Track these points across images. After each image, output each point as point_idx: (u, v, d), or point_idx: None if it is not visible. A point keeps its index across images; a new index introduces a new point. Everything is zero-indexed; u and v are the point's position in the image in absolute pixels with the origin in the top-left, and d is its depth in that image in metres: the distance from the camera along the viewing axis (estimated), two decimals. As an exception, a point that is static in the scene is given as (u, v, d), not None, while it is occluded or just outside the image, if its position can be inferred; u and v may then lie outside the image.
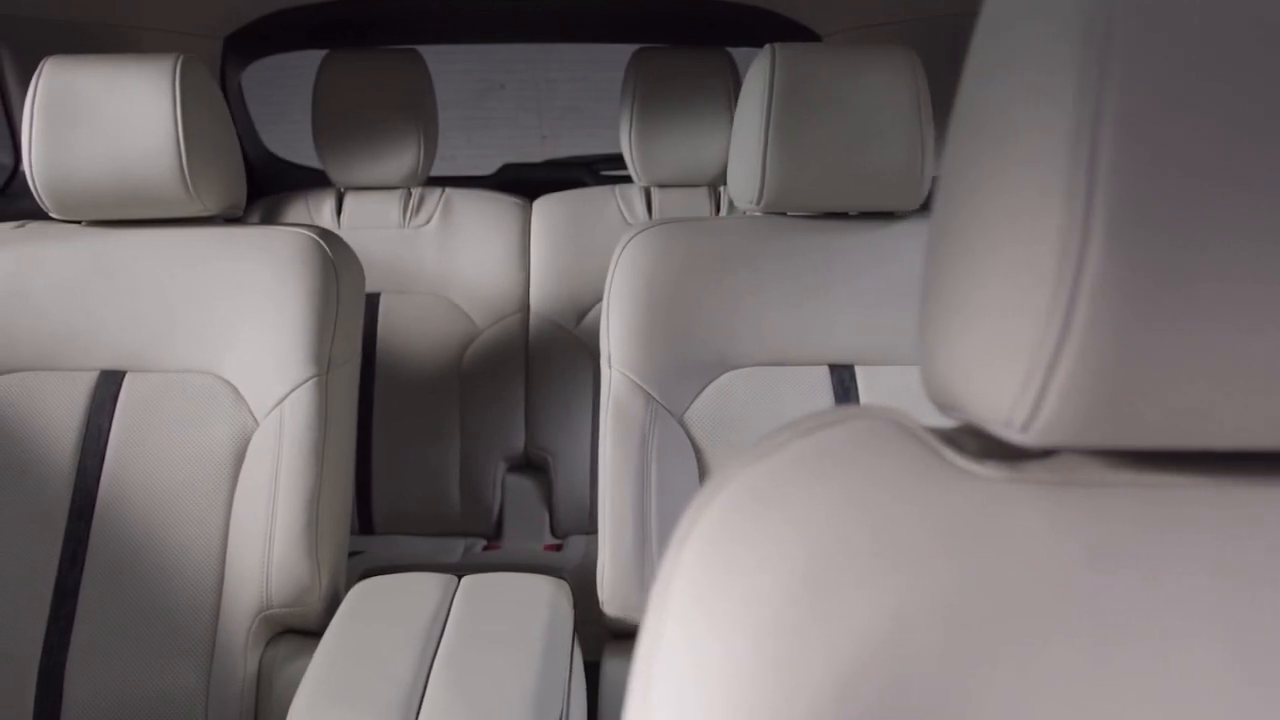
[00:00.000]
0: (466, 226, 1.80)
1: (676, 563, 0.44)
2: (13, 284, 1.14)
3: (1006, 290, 0.38)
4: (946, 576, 0.41)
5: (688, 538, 0.44)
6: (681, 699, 0.41)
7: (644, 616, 1.01)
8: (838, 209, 1.17)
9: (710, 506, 0.44)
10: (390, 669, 0.85)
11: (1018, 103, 0.38)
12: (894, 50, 1.13)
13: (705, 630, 0.41)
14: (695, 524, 0.44)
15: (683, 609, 0.42)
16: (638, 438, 1.07)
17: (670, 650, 0.42)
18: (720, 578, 0.42)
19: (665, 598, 0.43)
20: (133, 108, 1.09)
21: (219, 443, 1.08)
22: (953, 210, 0.42)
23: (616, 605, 1.05)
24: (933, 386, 0.47)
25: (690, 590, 0.42)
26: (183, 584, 1.05)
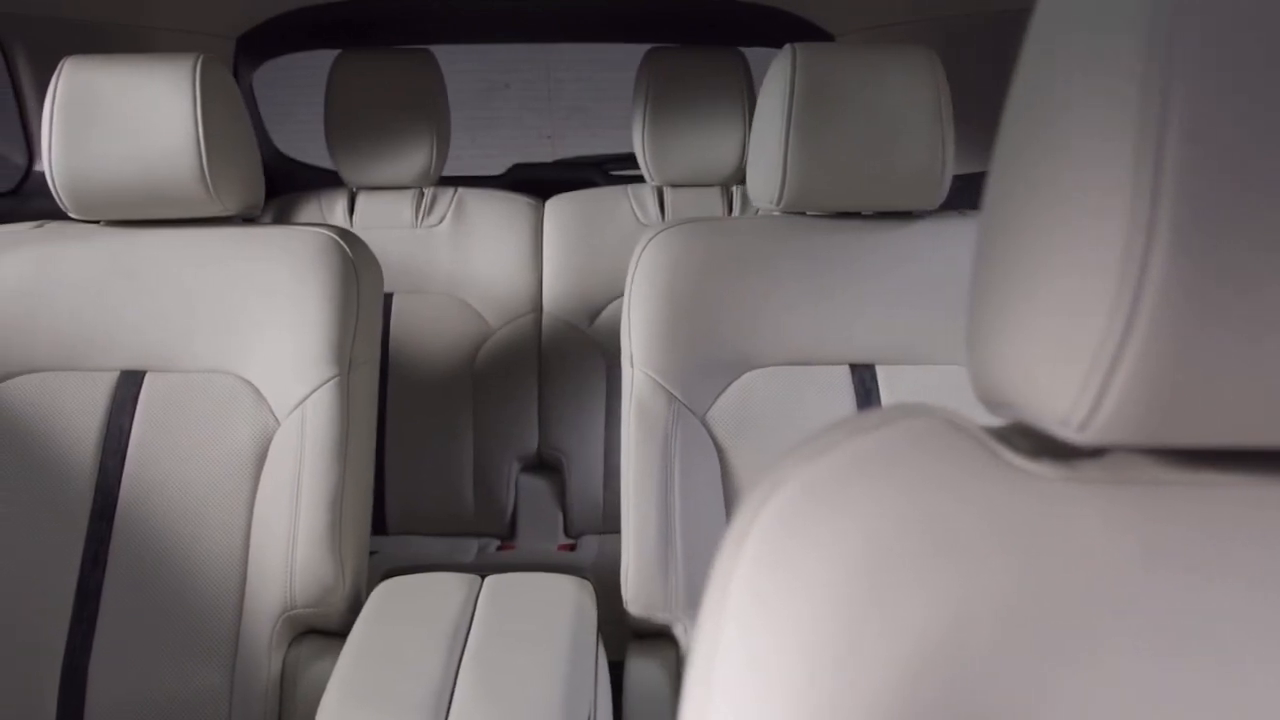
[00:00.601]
0: (479, 226, 1.80)
1: (735, 561, 0.43)
2: (33, 284, 1.14)
3: (1067, 290, 0.38)
4: (1005, 576, 0.41)
5: (746, 536, 0.44)
6: (741, 699, 0.41)
7: (670, 614, 1.00)
8: (858, 209, 1.17)
9: (768, 505, 0.44)
10: (418, 669, 0.85)
11: (1078, 104, 0.37)
12: (914, 50, 1.13)
13: (765, 630, 0.41)
14: (753, 522, 0.44)
15: (741, 608, 0.42)
16: (660, 437, 1.07)
17: (729, 650, 0.42)
18: (779, 577, 0.42)
19: (724, 596, 0.43)
20: (153, 108, 1.09)
21: (240, 443, 1.08)
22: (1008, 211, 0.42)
23: (640, 605, 1.05)
24: (982, 385, 0.47)
25: (749, 589, 0.42)
26: (205, 584, 1.05)
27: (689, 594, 1.03)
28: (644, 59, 1.80)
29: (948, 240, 1.17)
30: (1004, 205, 0.43)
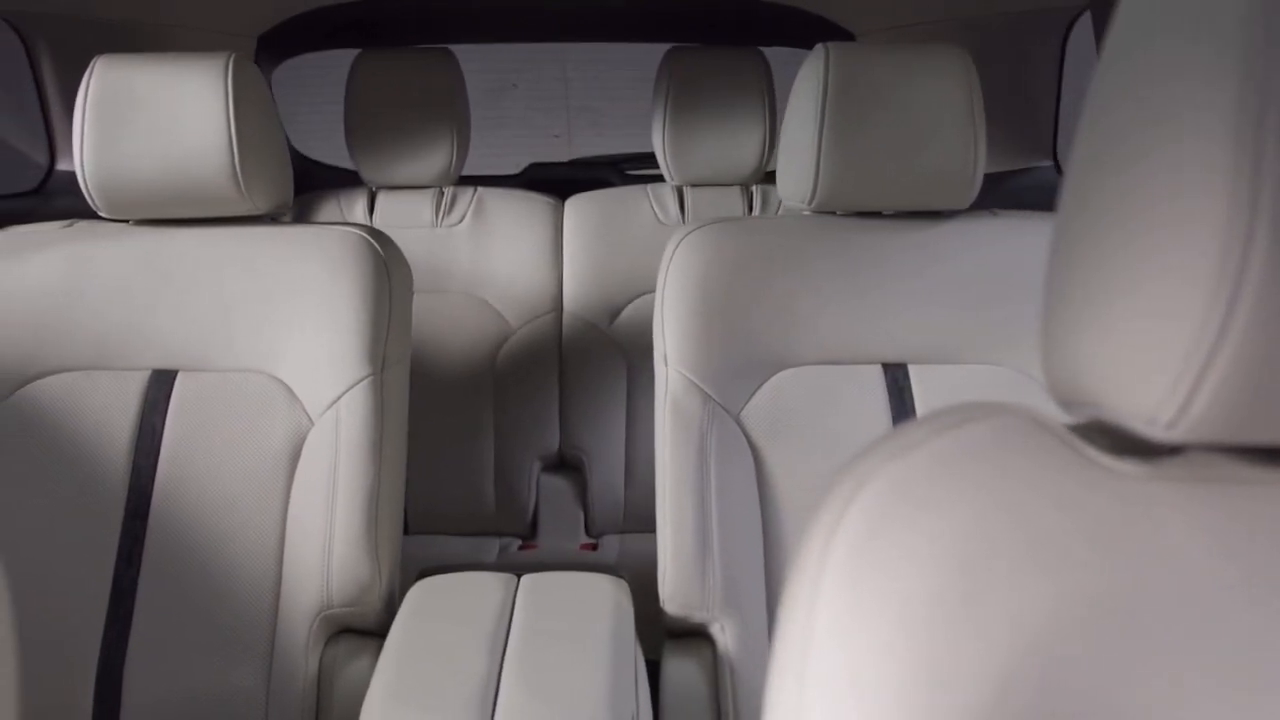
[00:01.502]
0: (499, 226, 1.80)
1: (824, 558, 0.43)
2: (65, 284, 1.14)
3: (1159, 293, 0.38)
4: (1095, 575, 0.41)
5: (834, 534, 0.44)
6: (837, 696, 0.41)
7: (708, 613, 1.00)
8: (890, 208, 1.17)
9: (855, 503, 0.44)
10: (461, 668, 0.85)
11: (1169, 113, 0.38)
12: (947, 49, 1.13)
13: (859, 632, 0.41)
14: (840, 520, 0.44)
15: (833, 606, 0.42)
16: (696, 436, 1.07)
17: (823, 651, 0.42)
18: (870, 577, 0.42)
19: (814, 592, 0.43)
20: (185, 106, 1.09)
21: (274, 442, 1.08)
22: (1091, 215, 0.42)
23: (678, 604, 1.05)
24: (1059, 382, 0.47)
25: (840, 590, 0.42)
26: (240, 583, 1.05)
27: (726, 593, 1.03)
28: (664, 59, 1.80)
29: (979, 239, 1.17)
30: (1087, 210, 0.43)
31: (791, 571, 0.46)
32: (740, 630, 1.03)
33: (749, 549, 1.06)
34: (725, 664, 1.02)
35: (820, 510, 0.46)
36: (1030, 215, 1.21)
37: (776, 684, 0.44)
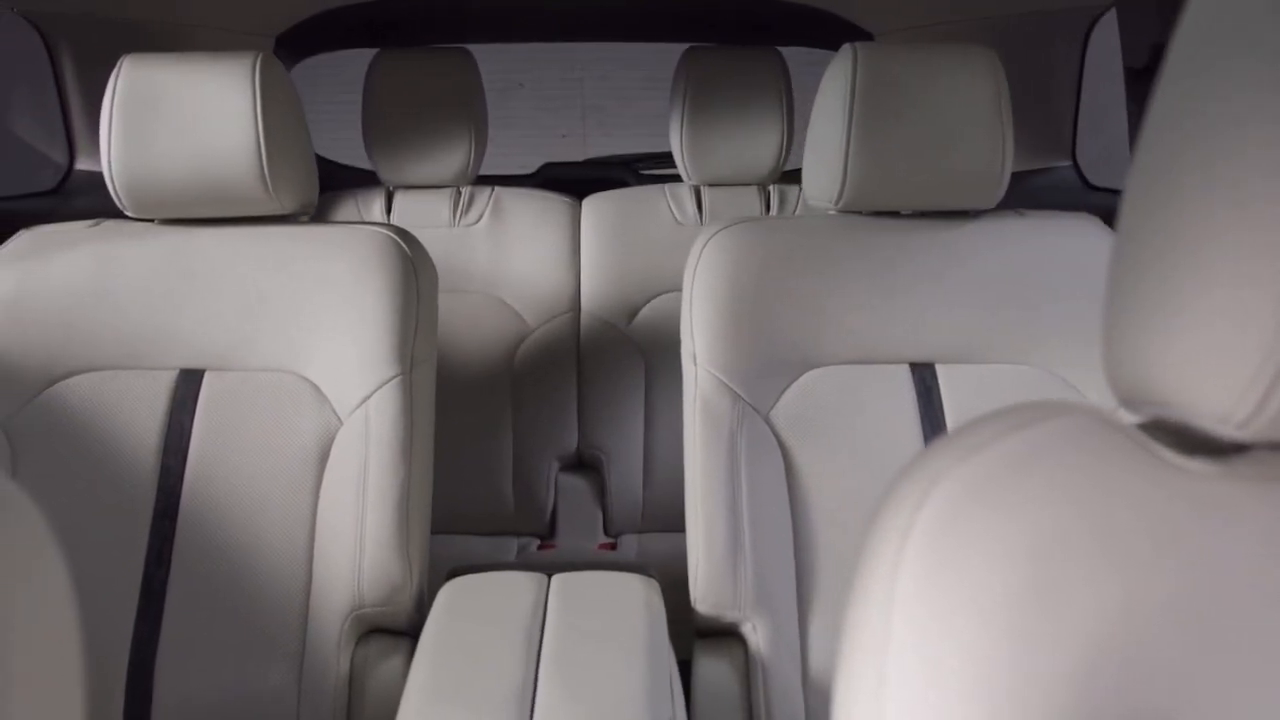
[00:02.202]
0: (517, 225, 1.80)
1: (898, 558, 0.43)
2: (93, 283, 1.14)
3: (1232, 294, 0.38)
4: (1168, 575, 0.41)
5: (908, 534, 0.44)
6: (916, 701, 0.41)
7: (740, 613, 0.99)
8: (918, 208, 1.17)
9: (928, 503, 0.44)
10: (498, 668, 0.85)
11: (1234, 122, 0.38)
12: (974, 49, 1.13)
13: (937, 632, 0.41)
14: (914, 520, 0.44)
15: (911, 610, 0.42)
16: (726, 436, 1.07)
17: (902, 650, 0.42)
18: (947, 579, 0.42)
19: (890, 592, 0.43)
20: (212, 106, 1.09)
21: (303, 441, 1.08)
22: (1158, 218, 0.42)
23: (710, 604, 1.05)
24: (1123, 381, 0.47)
25: (917, 591, 0.42)
26: (271, 583, 1.05)
27: (758, 593, 1.03)
28: (682, 58, 1.80)
29: (1006, 239, 1.17)
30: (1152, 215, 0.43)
31: (861, 570, 0.46)
32: (772, 630, 1.03)
33: (780, 548, 1.06)
34: (757, 664, 1.02)
35: (888, 509, 0.46)
36: (1057, 215, 1.21)
37: (851, 684, 0.44)
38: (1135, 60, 1.28)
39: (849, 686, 0.44)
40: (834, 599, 1.05)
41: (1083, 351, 1.13)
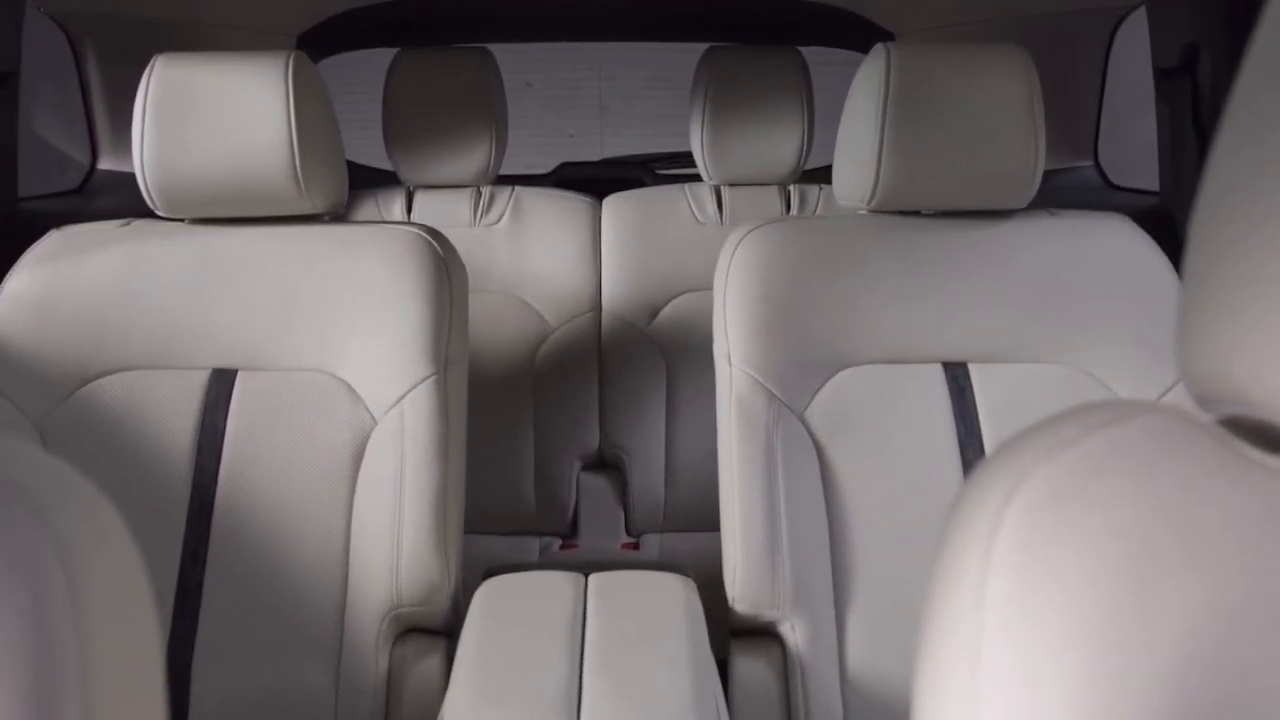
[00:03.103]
0: (537, 225, 1.80)
1: (987, 557, 0.43)
2: (124, 283, 1.14)
3: None
4: (1255, 575, 0.41)
5: (996, 532, 0.44)
6: (1013, 703, 0.41)
7: (778, 612, 0.99)
8: (950, 208, 1.17)
9: (1015, 501, 0.44)
10: (543, 668, 0.85)
11: None
12: (1007, 49, 1.13)
13: (1032, 635, 0.41)
14: (1001, 518, 0.44)
15: (1004, 612, 0.42)
16: (762, 435, 1.07)
17: (995, 652, 0.42)
18: (1039, 579, 0.42)
19: (980, 591, 0.43)
20: (246, 105, 1.09)
21: (337, 441, 1.08)
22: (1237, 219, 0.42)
23: (748, 603, 1.05)
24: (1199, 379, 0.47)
25: (1009, 590, 0.42)
26: (307, 582, 1.05)
27: (796, 592, 1.03)
28: (702, 58, 1.80)
29: (1038, 238, 1.17)
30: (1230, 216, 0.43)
31: (942, 569, 0.46)
32: (810, 629, 1.03)
33: (816, 547, 1.06)
34: (796, 663, 1.03)
35: (970, 507, 0.46)
36: (1089, 214, 1.21)
37: (939, 686, 0.44)
38: (1165, 60, 1.28)
39: (937, 687, 0.44)
40: (871, 598, 1.05)
41: (1116, 351, 1.13)
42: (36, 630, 0.39)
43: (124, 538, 0.47)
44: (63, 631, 0.40)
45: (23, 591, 0.40)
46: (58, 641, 0.40)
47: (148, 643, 0.48)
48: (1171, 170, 1.32)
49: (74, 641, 0.40)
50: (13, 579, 0.40)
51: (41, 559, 0.40)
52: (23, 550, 0.40)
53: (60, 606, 0.40)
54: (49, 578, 0.40)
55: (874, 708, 1.03)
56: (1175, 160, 1.30)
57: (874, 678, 1.03)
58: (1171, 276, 1.15)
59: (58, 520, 0.42)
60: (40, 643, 0.39)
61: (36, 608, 0.40)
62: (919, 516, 1.08)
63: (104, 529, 0.46)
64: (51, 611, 0.40)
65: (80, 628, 0.41)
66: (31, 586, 0.40)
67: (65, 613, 0.40)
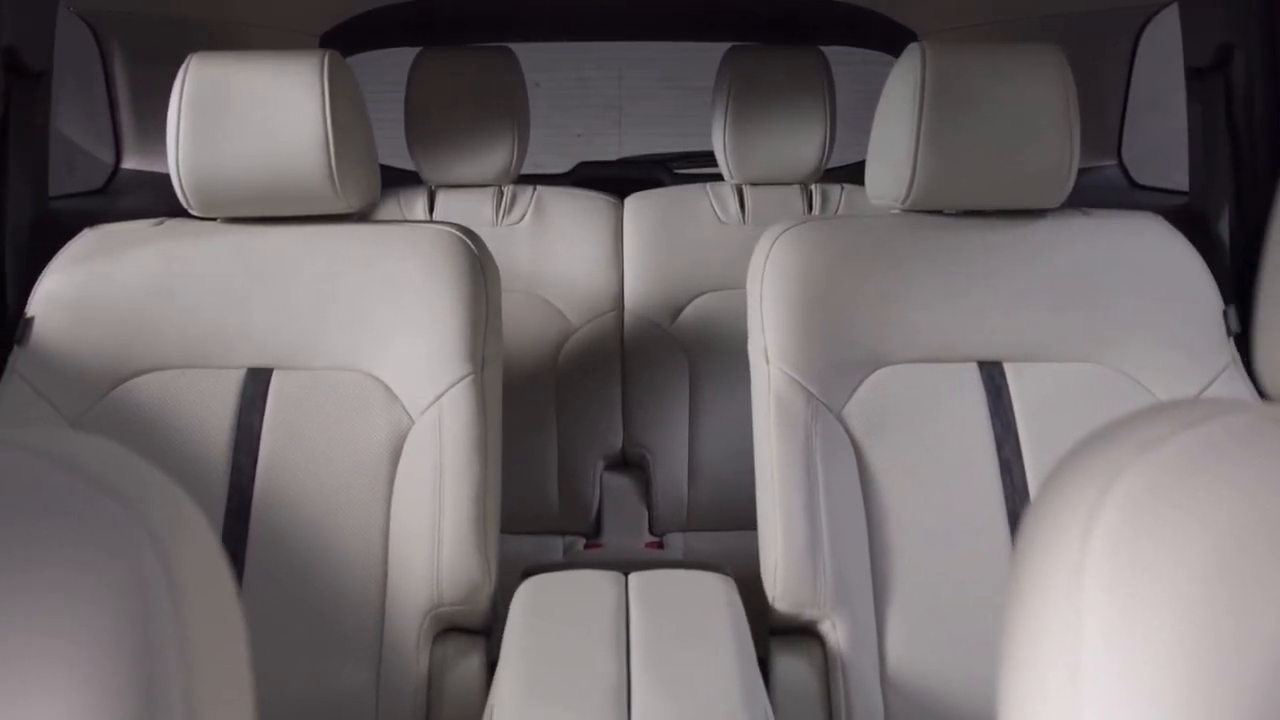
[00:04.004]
0: (559, 224, 1.80)
1: (1084, 559, 0.43)
2: (159, 282, 1.13)
3: None
4: None
5: (1091, 533, 0.44)
6: (1116, 705, 0.41)
7: (819, 611, 0.99)
8: (986, 207, 1.17)
9: (1110, 497, 0.44)
10: (590, 667, 0.85)
11: None
12: (1042, 48, 1.13)
13: (1130, 634, 0.41)
14: (1097, 515, 0.44)
15: (1104, 613, 0.42)
16: (802, 434, 1.07)
17: (1095, 653, 0.42)
18: (1138, 580, 0.42)
19: (1078, 595, 0.43)
20: (281, 105, 1.09)
21: (375, 440, 1.08)
22: None
23: (789, 602, 1.05)
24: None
25: (1108, 592, 0.42)
26: (345, 581, 1.05)
27: (837, 590, 1.03)
28: (724, 58, 1.80)
29: (1072, 238, 1.17)
30: None
31: (1030, 566, 0.46)
32: (851, 627, 1.03)
33: (856, 546, 1.06)
34: (837, 661, 1.03)
35: (1058, 505, 0.46)
36: (1122, 214, 1.21)
37: (1033, 687, 0.44)
38: (1198, 59, 1.28)
39: (1032, 688, 0.44)
40: (910, 596, 1.05)
41: (1151, 350, 1.13)
42: (139, 624, 0.39)
43: (209, 532, 0.47)
44: (163, 627, 0.40)
45: (123, 585, 0.40)
46: (159, 637, 0.39)
47: (237, 638, 0.48)
48: (1204, 170, 1.32)
49: (173, 637, 0.40)
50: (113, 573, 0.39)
51: (139, 553, 0.40)
52: (121, 544, 0.40)
53: (160, 601, 0.40)
54: (148, 572, 0.40)
55: (914, 706, 1.03)
56: (1207, 160, 1.30)
57: (914, 675, 1.03)
58: (1206, 276, 1.15)
59: (151, 514, 0.42)
60: (143, 639, 0.39)
61: (137, 601, 0.39)
62: (957, 515, 1.08)
63: (192, 523, 0.46)
64: (152, 605, 0.40)
65: (178, 623, 0.40)
66: (132, 580, 0.40)
67: (165, 608, 0.40)
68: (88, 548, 0.40)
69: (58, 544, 0.39)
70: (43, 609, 0.38)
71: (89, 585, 0.39)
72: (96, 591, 0.39)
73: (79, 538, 0.40)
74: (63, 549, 0.39)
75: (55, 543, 0.39)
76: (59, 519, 0.40)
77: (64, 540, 0.39)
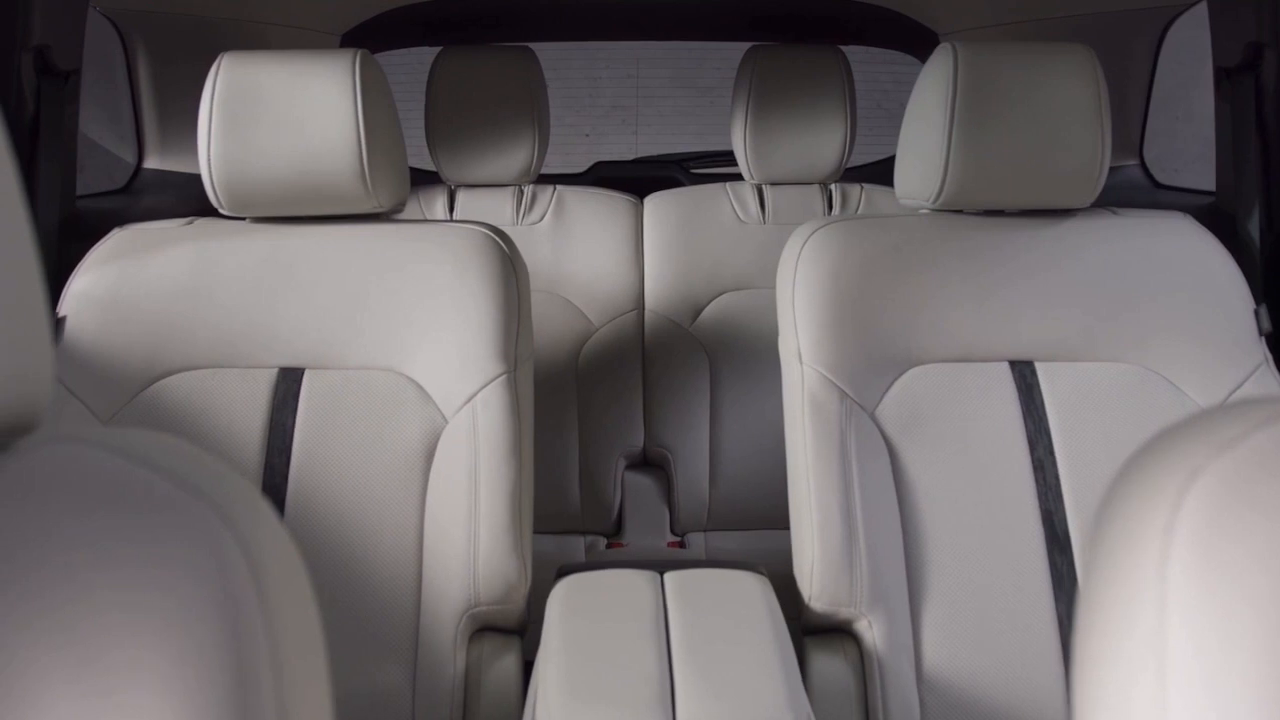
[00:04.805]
0: (579, 224, 1.80)
1: (1165, 553, 0.43)
2: (191, 281, 1.13)
3: None
4: None
5: (1172, 533, 0.44)
6: (1202, 706, 0.41)
7: (855, 610, 0.99)
8: (1017, 206, 1.17)
9: (1189, 497, 0.44)
10: (633, 665, 0.85)
11: None
12: (1073, 47, 1.13)
13: (1216, 635, 0.41)
14: (1177, 514, 0.44)
15: (1188, 615, 0.42)
16: (836, 434, 1.07)
17: (1181, 653, 0.42)
18: (1222, 581, 0.42)
19: (1161, 595, 0.43)
20: (314, 104, 1.09)
21: (408, 440, 1.08)
22: None
23: (825, 601, 1.05)
24: None
25: (1191, 593, 0.42)
26: (381, 581, 1.05)
27: (873, 589, 1.04)
28: (745, 57, 1.80)
29: (1102, 237, 1.17)
30: None
31: (1107, 565, 0.46)
32: (887, 626, 1.03)
33: (891, 545, 1.06)
34: (873, 660, 1.03)
35: (1136, 503, 0.46)
36: (1151, 213, 1.21)
37: (1120, 686, 0.44)
38: (1227, 59, 1.28)
39: (1117, 690, 0.44)
40: (945, 594, 1.05)
41: (1182, 350, 1.13)
42: (230, 622, 0.39)
43: (285, 529, 0.47)
44: (253, 623, 0.40)
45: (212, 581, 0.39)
46: (249, 632, 0.39)
47: (316, 635, 0.48)
48: (1232, 170, 1.32)
49: (262, 633, 0.40)
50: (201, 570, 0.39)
51: (225, 550, 0.40)
52: (207, 541, 0.40)
53: (249, 598, 0.40)
54: (234, 570, 0.40)
55: (950, 704, 1.03)
56: (1237, 160, 1.30)
57: (950, 674, 1.03)
58: (1237, 276, 1.15)
59: (232, 511, 0.42)
60: (234, 634, 0.39)
61: (227, 597, 0.39)
62: (991, 514, 1.08)
63: (270, 520, 0.46)
64: (241, 603, 0.40)
65: (266, 619, 0.40)
66: (220, 578, 0.40)
67: (253, 604, 0.40)
68: (174, 544, 0.40)
69: (147, 541, 0.39)
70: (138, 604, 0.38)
71: (180, 580, 0.39)
72: (187, 587, 0.39)
73: (165, 534, 0.40)
74: (153, 545, 0.39)
75: (145, 540, 0.39)
76: (147, 515, 0.40)
77: (154, 537, 0.39)
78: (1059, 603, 1.05)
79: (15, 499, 0.39)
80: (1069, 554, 1.06)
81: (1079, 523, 1.07)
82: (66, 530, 0.39)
